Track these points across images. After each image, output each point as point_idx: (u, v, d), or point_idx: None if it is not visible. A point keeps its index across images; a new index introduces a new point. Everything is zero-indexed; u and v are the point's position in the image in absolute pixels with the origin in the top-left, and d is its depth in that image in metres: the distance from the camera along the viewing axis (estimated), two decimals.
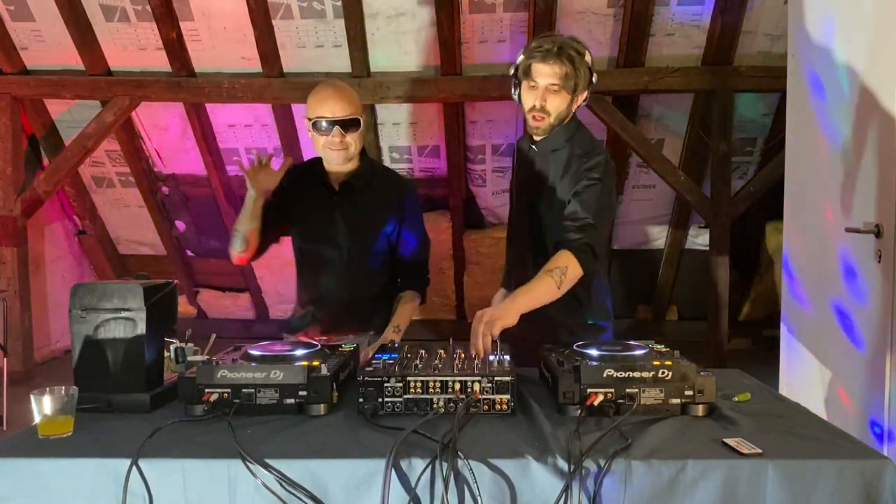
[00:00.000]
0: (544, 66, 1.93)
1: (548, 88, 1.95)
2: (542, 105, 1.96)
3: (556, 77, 1.93)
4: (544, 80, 1.94)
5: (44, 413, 1.40)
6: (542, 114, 1.97)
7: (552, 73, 1.93)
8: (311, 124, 2.10)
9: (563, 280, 1.82)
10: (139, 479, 1.26)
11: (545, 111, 1.97)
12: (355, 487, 1.26)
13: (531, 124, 2.01)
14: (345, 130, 2.08)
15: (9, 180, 4.99)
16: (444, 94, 4.69)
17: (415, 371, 1.51)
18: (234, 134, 5.26)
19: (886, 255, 2.17)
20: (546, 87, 1.95)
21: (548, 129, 2.00)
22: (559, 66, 1.92)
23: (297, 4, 4.49)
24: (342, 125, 2.07)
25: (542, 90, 1.95)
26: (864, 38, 2.31)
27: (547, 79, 1.94)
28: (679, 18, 4.50)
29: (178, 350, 1.72)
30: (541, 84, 1.95)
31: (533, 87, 1.97)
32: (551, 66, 1.92)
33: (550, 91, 1.95)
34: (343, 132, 2.07)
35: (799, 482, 1.24)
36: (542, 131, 2.01)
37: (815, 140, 2.62)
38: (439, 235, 5.49)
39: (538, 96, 1.96)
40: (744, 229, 5.32)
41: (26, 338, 5.08)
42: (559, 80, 1.93)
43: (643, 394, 1.48)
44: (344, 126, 2.07)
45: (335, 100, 2.08)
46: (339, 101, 2.08)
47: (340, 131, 2.07)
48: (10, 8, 4.65)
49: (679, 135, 5.11)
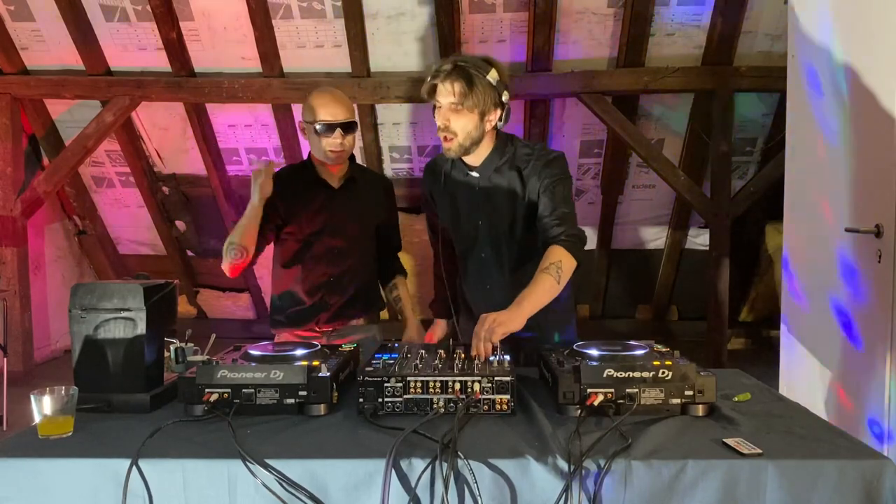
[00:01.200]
0: (442, 86, 1.92)
1: (449, 108, 1.93)
2: (446, 125, 1.94)
3: (454, 95, 1.91)
4: (445, 100, 1.93)
5: (44, 413, 1.40)
6: (450, 134, 1.95)
7: (449, 92, 1.91)
8: (313, 128, 2.20)
9: (561, 274, 1.83)
10: (139, 479, 1.26)
11: (451, 131, 1.94)
12: (355, 487, 1.26)
13: (443, 145, 1.99)
14: (344, 133, 2.20)
15: (9, 180, 5.00)
16: None
17: (415, 371, 1.51)
18: (234, 134, 5.26)
19: (886, 255, 2.17)
20: (447, 106, 1.93)
21: (459, 149, 1.97)
22: (457, 83, 1.90)
23: (297, 4, 4.49)
24: (343, 128, 2.20)
25: (445, 110, 1.94)
26: (863, 39, 2.31)
27: (447, 98, 1.92)
28: (679, 18, 4.50)
29: (178, 350, 1.72)
30: (443, 104, 1.94)
31: (438, 107, 1.96)
32: (447, 85, 1.91)
33: (452, 111, 1.93)
34: (343, 135, 2.20)
35: (799, 482, 1.24)
36: (455, 152, 1.98)
37: (815, 140, 2.62)
38: None
39: (441, 116, 1.95)
40: (744, 229, 5.32)
41: (26, 338, 5.08)
42: (458, 98, 1.90)
43: (643, 394, 1.49)
44: (344, 129, 2.20)
45: (336, 105, 2.21)
46: (339, 105, 2.21)
47: (342, 133, 2.19)
48: (10, 8, 4.65)
49: (679, 135, 5.11)
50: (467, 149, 1.98)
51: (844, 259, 2.40)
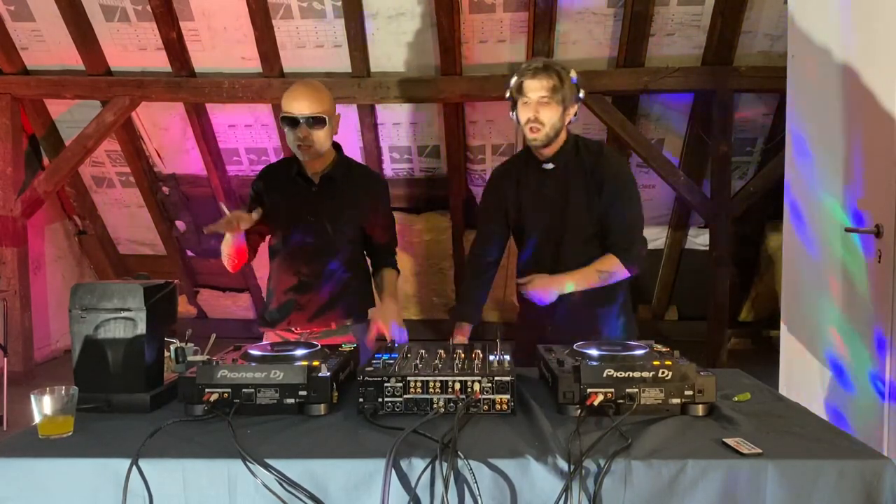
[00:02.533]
0: (534, 81, 2.13)
1: (539, 101, 2.13)
2: (536, 116, 2.13)
3: (546, 90, 2.12)
4: (535, 94, 2.13)
5: (44, 413, 1.40)
6: (538, 125, 2.14)
7: (541, 87, 2.12)
8: (281, 120, 2.19)
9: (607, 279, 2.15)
10: (139, 479, 1.27)
11: (539, 122, 2.14)
12: (355, 487, 1.26)
13: (528, 136, 2.18)
14: (310, 128, 2.16)
15: (9, 180, 5.00)
16: (444, 95, 4.69)
17: (415, 371, 1.51)
18: (234, 134, 5.26)
19: (886, 255, 2.17)
20: (537, 100, 2.13)
21: (544, 139, 2.16)
22: (547, 79, 2.12)
23: (297, 4, 4.49)
24: (308, 122, 2.15)
25: (535, 104, 2.14)
26: (863, 38, 2.31)
27: (538, 92, 2.13)
28: (679, 18, 4.50)
29: (178, 350, 1.72)
30: (532, 98, 2.14)
31: (526, 102, 2.15)
32: (540, 80, 2.12)
33: (542, 104, 2.13)
34: (309, 129, 2.16)
35: (799, 482, 1.24)
36: (540, 142, 2.17)
37: (815, 140, 2.63)
38: (439, 235, 5.50)
39: (531, 109, 2.14)
40: (744, 229, 5.32)
41: (26, 338, 5.08)
42: (548, 92, 2.12)
43: (643, 394, 1.49)
44: (309, 124, 2.16)
45: (304, 98, 2.16)
46: (307, 99, 2.16)
47: (306, 129, 2.16)
48: (10, 8, 4.65)
49: (679, 135, 5.11)
50: (551, 139, 2.17)
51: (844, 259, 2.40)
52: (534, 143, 2.18)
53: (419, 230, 5.46)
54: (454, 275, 5.70)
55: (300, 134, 2.15)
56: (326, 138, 2.22)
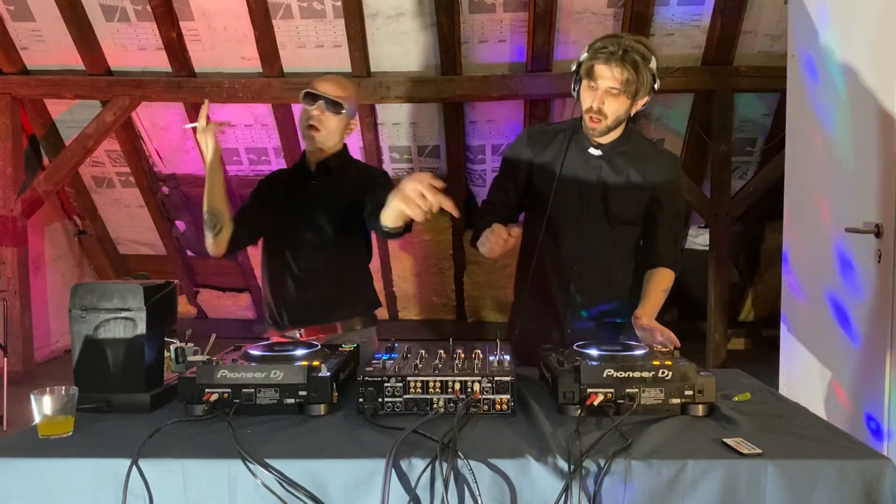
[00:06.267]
0: (606, 68, 1.89)
1: (607, 91, 1.91)
2: (600, 108, 1.93)
3: (617, 81, 1.89)
4: (605, 83, 1.91)
5: (44, 413, 1.39)
6: (600, 116, 1.94)
7: (613, 77, 1.89)
8: (301, 97, 2.19)
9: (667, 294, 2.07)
10: (139, 479, 1.26)
11: (602, 114, 1.94)
12: (355, 487, 1.25)
13: (588, 125, 1.98)
14: (326, 109, 2.16)
15: (9, 180, 5.00)
16: (444, 94, 4.69)
17: (415, 371, 1.51)
18: (234, 134, 5.26)
19: (886, 254, 2.17)
20: (606, 89, 1.91)
21: (604, 130, 1.98)
22: (621, 70, 1.88)
23: (297, 4, 4.49)
24: (326, 102, 2.16)
25: (602, 93, 1.92)
26: (863, 38, 2.32)
27: (608, 82, 1.90)
28: (679, 18, 4.50)
29: (178, 350, 1.72)
30: (601, 86, 1.92)
31: (592, 87, 1.93)
32: (613, 69, 1.89)
33: (610, 94, 1.92)
34: (324, 110, 2.16)
35: (799, 482, 1.24)
36: (599, 133, 1.99)
37: (815, 140, 2.63)
38: (439, 235, 5.49)
39: (597, 98, 1.93)
40: (744, 229, 5.32)
41: (26, 338, 5.08)
42: (620, 84, 1.89)
43: (643, 394, 1.48)
44: (327, 104, 2.16)
45: (332, 81, 2.21)
46: (334, 83, 2.20)
47: (322, 107, 2.16)
48: (10, 8, 4.65)
49: (679, 135, 5.11)
50: (611, 130, 1.99)
51: (844, 259, 2.40)
52: (591, 132, 1.99)
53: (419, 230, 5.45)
54: (454, 275, 5.71)
55: (314, 111, 2.15)
56: (336, 129, 2.21)
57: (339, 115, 2.19)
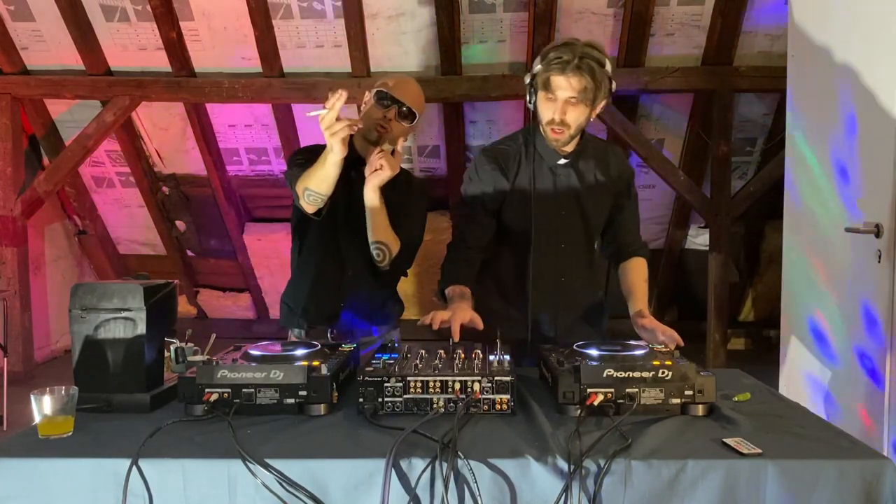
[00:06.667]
0: (563, 78, 1.85)
1: (567, 101, 1.87)
2: (562, 119, 1.89)
3: (575, 91, 1.85)
4: (563, 94, 1.87)
5: (44, 413, 1.39)
6: (562, 127, 1.91)
7: (571, 87, 1.85)
8: (376, 96, 2.06)
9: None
10: (139, 479, 1.26)
11: (565, 124, 1.90)
12: (355, 487, 1.26)
13: (550, 136, 1.95)
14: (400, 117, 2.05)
15: (9, 180, 4.99)
16: (444, 94, 4.69)
17: (415, 371, 1.51)
18: (234, 134, 5.26)
19: (886, 255, 2.17)
20: (565, 100, 1.87)
21: (567, 140, 1.96)
22: (579, 79, 1.84)
23: (297, 4, 4.49)
24: (404, 110, 2.05)
25: (562, 104, 1.88)
26: (863, 38, 2.32)
27: (566, 92, 1.86)
28: (679, 18, 4.50)
29: (178, 350, 1.72)
30: (560, 97, 1.88)
31: (551, 99, 1.89)
32: (570, 79, 1.84)
33: (569, 104, 1.88)
34: (398, 116, 2.04)
35: (799, 482, 1.24)
36: (562, 143, 1.96)
37: (815, 140, 2.63)
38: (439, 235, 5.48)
39: (557, 110, 1.89)
40: (744, 229, 5.32)
41: (26, 338, 5.08)
42: (578, 93, 1.85)
43: (643, 394, 1.48)
44: (403, 113, 2.05)
45: (415, 94, 2.10)
46: (416, 96, 2.10)
47: (396, 113, 2.04)
48: (10, 8, 4.65)
49: (679, 135, 5.11)
50: (573, 139, 1.98)
51: (844, 259, 2.40)
52: (554, 143, 1.96)
53: None
54: None
55: (389, 115, 2.02)
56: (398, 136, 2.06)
57: (407, 126, 2.09)
